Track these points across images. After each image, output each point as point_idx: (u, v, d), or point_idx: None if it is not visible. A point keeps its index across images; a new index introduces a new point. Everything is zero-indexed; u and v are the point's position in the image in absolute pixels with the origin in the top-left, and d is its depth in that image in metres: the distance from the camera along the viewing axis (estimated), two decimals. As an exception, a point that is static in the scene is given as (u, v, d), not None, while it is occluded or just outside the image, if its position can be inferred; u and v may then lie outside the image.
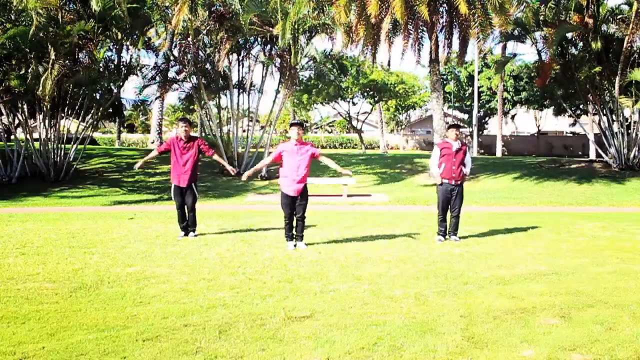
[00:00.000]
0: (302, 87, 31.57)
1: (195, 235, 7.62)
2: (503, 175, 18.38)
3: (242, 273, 5.39)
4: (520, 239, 7.52)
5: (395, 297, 4.55)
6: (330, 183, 15.83)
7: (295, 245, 6.77)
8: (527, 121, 50.87)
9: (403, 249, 6.72)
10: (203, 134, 33.63)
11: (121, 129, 47.00)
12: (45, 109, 16.39)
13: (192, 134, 7.97)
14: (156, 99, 21.11)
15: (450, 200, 7.32)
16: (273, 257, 6.17)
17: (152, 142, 32.63)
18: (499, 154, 35.03)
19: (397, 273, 5.41)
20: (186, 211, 7.64)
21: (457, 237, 7.37)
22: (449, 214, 7.38)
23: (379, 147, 45.55)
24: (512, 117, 44.58)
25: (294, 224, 6.85)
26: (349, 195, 14.23)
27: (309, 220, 9.26)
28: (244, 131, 22.92)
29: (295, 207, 6.77)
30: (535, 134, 45.04)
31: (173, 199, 7.69)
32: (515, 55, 27.63)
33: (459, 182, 7.31)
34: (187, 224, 7.67)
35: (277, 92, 19.60)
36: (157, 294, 4.61)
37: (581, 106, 26.71)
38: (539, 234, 7.96)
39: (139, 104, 22.19)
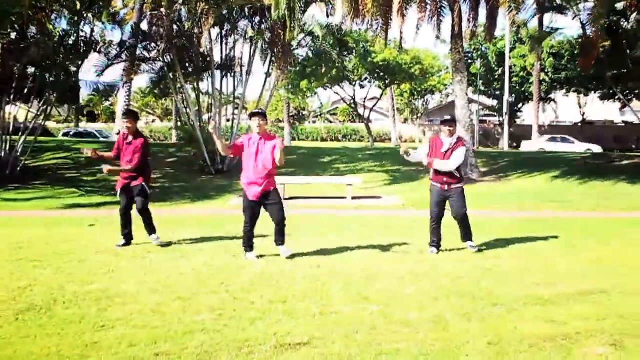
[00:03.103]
0: (298, 68, 31.50)
1: (161, 243, 7.65)
2: (539, 173, 18.39)
3: (225, 291, 5.40)
4: (560, 250, 7.51)
5: (409, 321, 4.55)
6: (332, 182, 15.81)
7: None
8: (569, 108, 50.93)
9: (419, 262, 6.72)
10: (179, 124, 33.66)
11: (80, 117, 47.07)
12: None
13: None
14: (124, 84, 21.03)
15: (444, 206, 7.28)
16: (263, 272, 6.17)
17: (117, 133, 32.44)
18: (535, 147, 35.12)
19: (412, 292, 5.41)
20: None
21: (472, 244, 7.36)
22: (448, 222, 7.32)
23: (390, 139, 45.63)
24: (549, 102, 44.36)
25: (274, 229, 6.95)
26: (354, 198, 14.21)
27: (306, 226, 9.29)
28: (228, 120, 22.91)
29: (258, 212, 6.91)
30: (579, 124, 45.13)
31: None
32: (555, 29, 27.62)
33: (452, 187, 7.18)
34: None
35: (268, 74, 19.60)
36: (122, 317, 4.61)
37: (636, 90, 26.64)
38: (584, 244, 7.95)
39: (106, 87, 21.98)
